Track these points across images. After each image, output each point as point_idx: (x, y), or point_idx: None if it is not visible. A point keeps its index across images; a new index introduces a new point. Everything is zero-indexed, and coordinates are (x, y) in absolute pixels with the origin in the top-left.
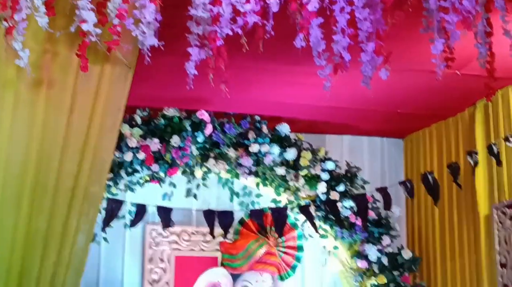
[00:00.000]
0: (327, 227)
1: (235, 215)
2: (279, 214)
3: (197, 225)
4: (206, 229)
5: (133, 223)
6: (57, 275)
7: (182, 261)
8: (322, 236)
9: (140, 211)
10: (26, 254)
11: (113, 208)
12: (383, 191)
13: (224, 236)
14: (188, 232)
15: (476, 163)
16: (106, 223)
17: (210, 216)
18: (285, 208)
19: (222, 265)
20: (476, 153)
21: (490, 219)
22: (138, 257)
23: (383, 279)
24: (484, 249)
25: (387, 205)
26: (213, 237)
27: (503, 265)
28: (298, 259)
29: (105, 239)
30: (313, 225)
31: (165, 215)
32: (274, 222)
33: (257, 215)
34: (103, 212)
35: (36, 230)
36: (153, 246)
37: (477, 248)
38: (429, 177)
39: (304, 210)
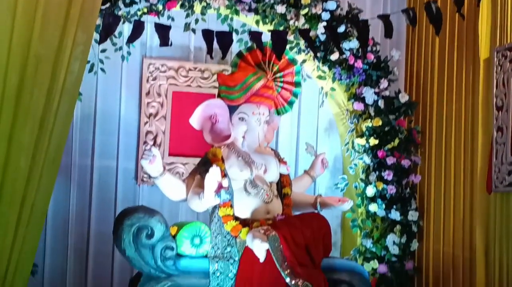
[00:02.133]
0: (325, 68)
1: (234, 37)
2: (279, 37)
3: (195, 62)
4: (204, 66)
5: (130, 39)
6: (53, 101)
7: (179, 96)
8: (320, 77)
9: (138, 26)
10: (20, 78)
11: (110, 23)
12: (384, 17)
13: (223, 57)
14: (185, 68)
15: None
16: (103, 38)
17: (208, 35)
18: (285, 31)
19: (219, 97)
20: None
21: (490, 62)
22: (135, 90)
23: (378, 122)
24: (481, 92)
25: (388, 32)
26: (211, 57)
27: (499, 108)
28: (295, 95)
29: (102, 69)
30: (313, 48)
31: (163, 32)
32: (273, 45)
33: (256, 38)
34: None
35: (33, 56)
36: (150, 80)
37: (475, 92)
38: (433, 6)
39: (303, 33)
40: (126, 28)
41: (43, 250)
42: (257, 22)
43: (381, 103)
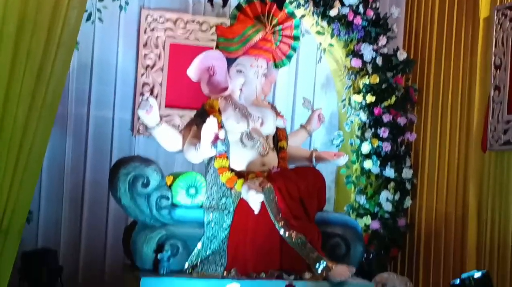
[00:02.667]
0: (324, 23)
1: None
2: None
3: (193, 14)
4: (202, 18)
5: None
6: (50, 50)
7: (176, 48)
8: (318, 32)
9: None
10: (18, 27)
11: None
12: None
13: (223, 5)
14: (184, 20)
15: None
16: None
17: None
18: None
19: (217, 48)
20: None
21: (490, 21)
22: (133, 41)
23: (376, 79)
24: (480, 51)
25: None
26: (212, 5)
27: (497, 67)
28: (293, 49)
29: (100, 19)
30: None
31: None
32: None
33: None
34: None
35: (30, 6)
36: (148, 31)
37: (473, 50)
38: None
39: None
40: None
41: (38, 199)
42: None
43: (379, 60)
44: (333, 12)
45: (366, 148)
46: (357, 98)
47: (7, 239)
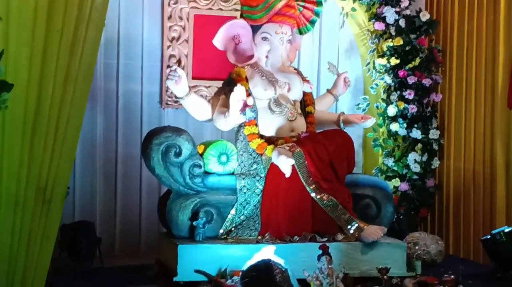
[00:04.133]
0: None
1: None
2: None
3: None
4: None
5: None
6: (79, 29)
7: (200, 19)
8: None
9: None
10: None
11: None
12: None
13: None
14: None
15: None
16: None
17: None
18: None
19: (242, 17)
20: None
21: None
22: (157, 14)
23: (399, 42)
24: (503, 10)
25: None
26: None
27: None
28: (317, 14)
29: None
30: None
31: None
32: None
33: None
34: None
35: None
36: (172, 3)
37: (496, 9)
38: None
39: None
40: None
41: (73, 174)
42: None
43: (402, 22)
44: None
45: (392, 110)
46: (381, 61)
47: (50, 208)
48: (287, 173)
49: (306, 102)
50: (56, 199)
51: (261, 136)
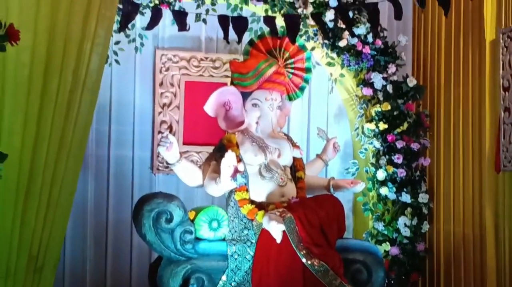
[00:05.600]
0: (334, 55)
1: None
2: (292, 20)
3: (206, 52)
4: (215, 56)
5: (149, 27)
6: (73, 98)
7: (191, 86)
8: (329, 64)
9: (156, 14)
10: (45, 73)
11: (129, 11)
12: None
13: (238, 41)
14: (197, 58)
15: None
16: (123, 26)
17: (224, 21)
18: (298, 15)
19: (232, 84)
20: None
21: (496, 44)
22: (149, 81)
23: (387, 107)
24: (488, 74)
25: (398, 14)
26: (227, 42)
27: (505, 89)
28: (306, 81)
29: (116, 61)
30: (324, 32)
31: (181, 18)
32: (287, 28)
33: (270, 22)
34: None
35: (54, 52)
36: (163, 70)
37: (481, 74)
38: None
39: (316, 17)
40: (138, 20)
41: (63, 239)
42: (266, 11)
43: (389, 88)
44: (342, 43)
45: (381, 174)
46: (370, 126)
47: (42, 276)
48: (278, 238)
49: (296, 167)
50: (48, 267)
51: (252, 202)
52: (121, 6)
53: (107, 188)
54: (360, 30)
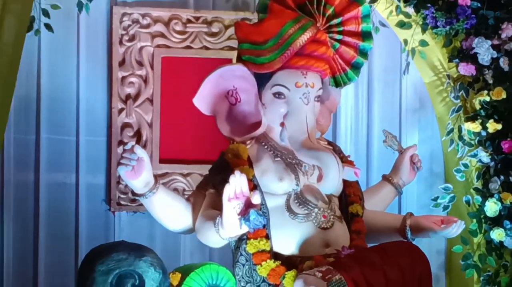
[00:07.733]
0: (410, 9)
1: None
2: None
3: (196, 8)
4: (211, 15)
5: None
6: None
7: (172, 64)
8: (401, 24)
9: None
10: None
11: None
12: None
13: None
14: (181, 19)
15: None
16: None
17: None
18: None
19: (240, 60)
20: None
21: None
22: (101, 58)
23: (500, 94)
24: None
25: None
26: None
27: None
28: (363, 53)
29: (47, 26)
30: None
31: None
32: None
33: None
34: None
35: None
36: (125, 41)
37: None
38: None
39: None
40: None
41: None
42: None
43: (504, 63)
44: None
45: (493, 207)
46: (473, 127)
47: None
48: None
49: (348, 197)
50: None
51: (276, 256)
52: None
53: (34, 236)
54: None
